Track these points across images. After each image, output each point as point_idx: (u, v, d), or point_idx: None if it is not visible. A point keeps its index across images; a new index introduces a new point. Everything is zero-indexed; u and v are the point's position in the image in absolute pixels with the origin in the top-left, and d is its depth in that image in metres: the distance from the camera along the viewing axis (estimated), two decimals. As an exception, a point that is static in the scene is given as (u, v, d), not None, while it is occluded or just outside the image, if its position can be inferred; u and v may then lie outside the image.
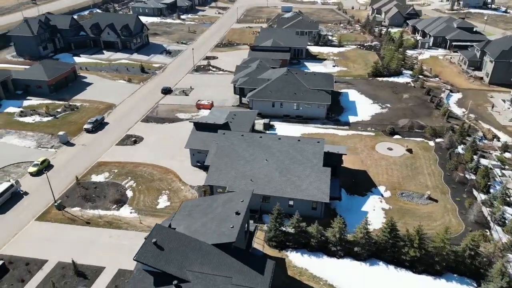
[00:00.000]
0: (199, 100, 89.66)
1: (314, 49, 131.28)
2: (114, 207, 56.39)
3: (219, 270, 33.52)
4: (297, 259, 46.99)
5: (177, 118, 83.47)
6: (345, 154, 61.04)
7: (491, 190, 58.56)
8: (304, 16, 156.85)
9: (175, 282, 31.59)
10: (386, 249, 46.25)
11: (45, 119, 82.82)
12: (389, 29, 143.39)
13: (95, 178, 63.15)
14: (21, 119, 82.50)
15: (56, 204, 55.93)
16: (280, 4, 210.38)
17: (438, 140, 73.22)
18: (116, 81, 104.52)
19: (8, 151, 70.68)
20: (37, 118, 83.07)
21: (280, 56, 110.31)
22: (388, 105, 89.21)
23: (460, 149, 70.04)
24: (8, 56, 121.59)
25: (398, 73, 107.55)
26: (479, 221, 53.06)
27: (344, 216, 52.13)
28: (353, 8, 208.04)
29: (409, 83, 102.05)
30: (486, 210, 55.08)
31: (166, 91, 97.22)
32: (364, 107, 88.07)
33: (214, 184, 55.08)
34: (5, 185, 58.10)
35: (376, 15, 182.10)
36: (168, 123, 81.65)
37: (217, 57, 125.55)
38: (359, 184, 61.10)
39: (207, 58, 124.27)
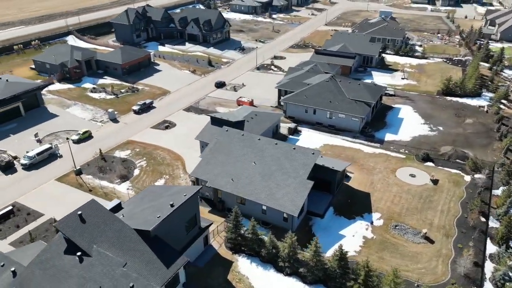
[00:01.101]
0: (240, 97, 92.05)
1: (391, 58, 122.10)
2: (117, 181, 62.72)
3: (123, 254, 35.72)
4: (243, 266, 46.33)
5: (215, 111, 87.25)
6: (338, 171, 56.46)
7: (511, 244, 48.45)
8: (391, 22, 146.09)
9: (78, 253, 34.91)
10: (335, 278, 42.51)
11: (109, 97, 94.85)
12: (488, 43, 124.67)
13: (118, 153, 70.66)
14: (91, 94, 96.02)
15: (75, 170, 64.73)
16: (383, 9, 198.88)
17: (477, 176, 62.66)
18: (182, 70, 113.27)
19: (67, 120, 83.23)
20: (102, 95, 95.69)
21: (342, 62, 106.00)
22: (440, 128, 78.99)
23: (500, 190, 58.94)
24: (109, 40, 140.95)
25: (475, 94, 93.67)
26: (471, 275, 44.67)
27: (319, 235, 49.67)
28: (466, 17, 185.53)
29: (482, 107, 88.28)
30: (489, 265, 45.99)
31: (219, 85, 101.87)
32: (410, 127, 79.60)
33: (198, 177, 57.15)
34: (46, 146, 69.36)
35: (489, 27, 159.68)
36: (204, 115, 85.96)
37: (285, 58, 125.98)
38: (354, 206, 56.44)
39: (275, 57, 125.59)
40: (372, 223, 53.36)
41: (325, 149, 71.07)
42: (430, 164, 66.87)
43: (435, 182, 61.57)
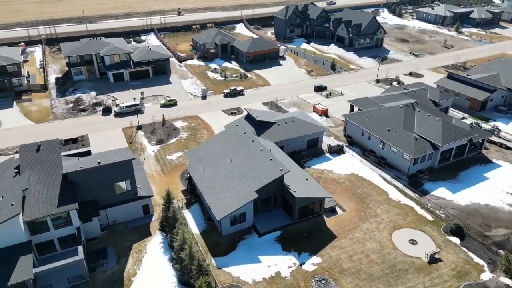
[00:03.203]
0: (317, 103, 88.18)
1: None
2: (153, 143, 74.21)
3: (39, 183, 45.66)
4: (153, 242, 49.79)
5: (285, 111, 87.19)
6: (298, 197, 50.08)
7: None
8: None
9: (16, 170, 47.15)
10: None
11: (219, 78, 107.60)
12: None
13: (176, 123, 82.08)
14: (209, 73, 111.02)
15: (137, 125, 79.90)
16: None
17: (504, 279, 43.41)
18: (300, 69, 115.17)
19: (174, 88, 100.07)
20: (216, 76, 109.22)
21: (473, 94, 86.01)
22: (530, 206, 56.05)
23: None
24: (269, 33, 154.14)
25: None
26: None
27: (239, 249, 48.20)
28: None
29: None
30: None
31: (319, 88, 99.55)
32: (485, 191, 59.78)
33: (186, 157, 62.05)
34: (133, 102, 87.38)
35: None
36: (274, 111, 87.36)
37: (422, 76, 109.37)
38: (304, 241, 49.84)
39: (411, 73, 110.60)
40: (301, 265, 46.44)
41: (346, 178, 62.79)
42: (455, 239, 50.13)
43: (433, 260, 46.61)
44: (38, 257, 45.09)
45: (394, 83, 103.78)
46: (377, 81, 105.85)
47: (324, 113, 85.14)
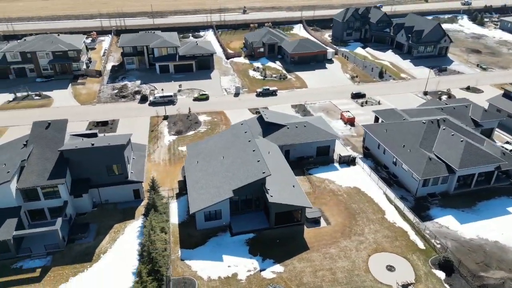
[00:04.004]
0: (346, 111, 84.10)
1: None
2: (172, 133, 77.66)
3: (39, 158, 50.93)
4: (133, 225, 52.46)
5: (310, 115, 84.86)
6: (273, 202, 48.73)
7: None
8: None
9: (24, 142, 53.12)
10: (148, 274, 42.54)
11: (259, 77, 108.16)
12: None
13: (200, 116, 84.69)
14: (250, 71, 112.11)
15: (164, 115, 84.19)
16: None
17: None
18: (344, 73, 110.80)
19: (212, 84, 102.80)
20: (256, 74, 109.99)
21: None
22: (550, 252, 47.55)
23: None
24: (326, 35, 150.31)
25: None
26: None
27: (207, 245, 48.94)
28: None
29: None
30: None
31: (356, 95, 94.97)
32: (506, 223, 52.00)
33: (187, 149, 64.01)
34: (169, 93, 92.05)
35: None
36: (300, 115, 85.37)
37: (482, 92, 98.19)
38: (273, 248, 48.64)
39: (467, 88, 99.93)
40: (261, 270, 45.33)
41: (345, 191, 59.63)
42: (441, 274, 44.76)
43: (406, 292, 42.35)
44: (31, 222, 50.65)
45: (444, 97, 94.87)
46: (425, 93, 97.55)
47: (350, 122, 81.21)
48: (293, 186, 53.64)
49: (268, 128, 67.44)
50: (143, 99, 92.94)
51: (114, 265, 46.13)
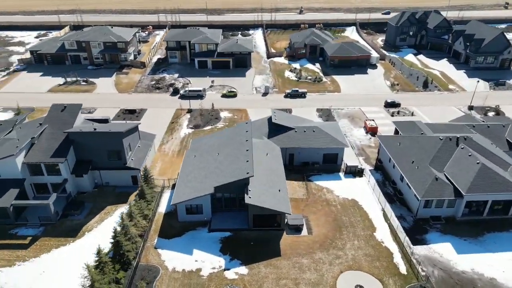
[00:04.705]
0: (370, 120, 79.64)
1: None
2: (190, 126, 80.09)
3: (51, 137, 55.90)
4: (121, 209, 55.15)
5: (333, 120, 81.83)
6: (250, 203, 48.21)
7: None
8: None
9: (40, 123, 58.36)
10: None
11: (293, 78, 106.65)
12: None
13: (222, 113, 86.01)
14: (286, 72, 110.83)
15: (188, 109, 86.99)
16: None
17: None
18: (385, 80, 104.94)
19: (243, 81, 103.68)
20: (292, 75, 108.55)
21: None
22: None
23: None
24: (379, 39, 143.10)
25: None
26: None
27: (184, 238, 50.16)
28: None
29: None
30: None
31: (390, 104, 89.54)
32: (507, 266, 45.87)
33: (191, 143, 65.53)
34: (199, 87, 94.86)
35: None
36: (322, 119, 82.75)
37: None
38: (244, 249, 48.08)
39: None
40: (225, 270, 45.13)
41: (340, 202, 56.98)
42: (413, 304, 40.84)
43: (366, 316, 39.35)
44: (36, 194, 55.86)
45: (491, 113, 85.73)
46: (470, 107, 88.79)
47: (372, 131, 76.96)
48: (279, 190, 52.51)
49: (275, 129, 66.51)
50: (175, 91, 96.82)
51: (93, 244, 48.97)
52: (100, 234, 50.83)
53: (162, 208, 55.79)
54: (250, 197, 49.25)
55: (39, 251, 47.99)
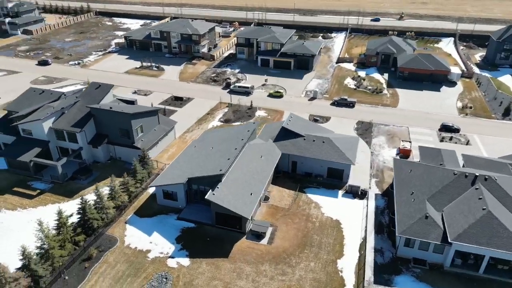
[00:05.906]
0: (407, 141, 70.88)
1: None
2: (221, 120, 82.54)
3: (75, 115, 64.16)
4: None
5: (368, 135, 75.27)
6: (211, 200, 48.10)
7: None
8: None
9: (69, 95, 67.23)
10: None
11: (351, 86, 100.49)
12: None
13: (259, 111, 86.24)
14: (347, 79, 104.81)
15: (228, 103, 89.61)
16: None
17: None
18: (459, 101, 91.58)
19: (297, 84, 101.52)
20: (351, 83, 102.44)
21: None
22: None
23: None
24: (477, 55, 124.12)
25: None
26: None
27: (159, 227, 53.29)
28: None
29: None
30: None
31: (445, 128, 78.44)
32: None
33: (202, 135, 67.66)
34: (247, 85, 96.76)
35: None
36: (356, 132, 76.85)
37: None
38: (200, 243, 48.51)
39: None
40: (171, 257, 46.53)
41: (321, 220, 53.11)
42: None
43: None
44: (61, 156, 65.01)
45: None
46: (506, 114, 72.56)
47: (404, 154, 68.69)
48: (251, 194, 51.47)
49: (284, 134, 64.58)
50: (227, 86, 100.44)
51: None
52: (91, 199, 56.94)
53: (152, 189, 59.67)
54: (213, 194, 49.61)
55: (39, 203, 56.32)
